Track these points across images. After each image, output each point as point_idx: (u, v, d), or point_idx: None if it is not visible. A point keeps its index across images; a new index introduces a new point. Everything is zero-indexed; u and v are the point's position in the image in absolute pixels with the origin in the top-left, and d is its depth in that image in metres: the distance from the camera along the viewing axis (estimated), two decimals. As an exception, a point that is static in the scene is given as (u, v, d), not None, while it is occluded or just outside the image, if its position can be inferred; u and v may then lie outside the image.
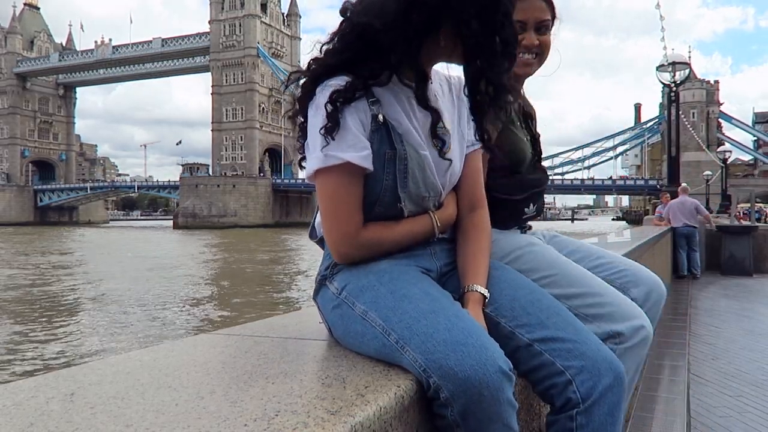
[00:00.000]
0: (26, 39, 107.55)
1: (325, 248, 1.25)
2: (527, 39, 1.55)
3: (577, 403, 1.04)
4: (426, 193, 1.19)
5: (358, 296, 1.11)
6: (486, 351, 0.93)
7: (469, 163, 1.28)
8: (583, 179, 77.36)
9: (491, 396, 0.90)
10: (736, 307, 7.12)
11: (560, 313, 1.14)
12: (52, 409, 0.81)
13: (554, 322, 1.11)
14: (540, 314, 1.12)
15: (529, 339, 1.09)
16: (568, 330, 1.10)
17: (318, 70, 1.15)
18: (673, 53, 14.02)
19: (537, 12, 1.55)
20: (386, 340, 1.01)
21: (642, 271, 1.60)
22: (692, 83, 74.46)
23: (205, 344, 1.25)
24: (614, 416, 1.07)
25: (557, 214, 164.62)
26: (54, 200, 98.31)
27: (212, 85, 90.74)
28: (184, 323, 12.56)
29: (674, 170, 13.68)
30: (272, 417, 0.76)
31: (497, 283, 1.19)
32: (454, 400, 0.91)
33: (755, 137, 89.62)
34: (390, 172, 1.14)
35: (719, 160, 38.59)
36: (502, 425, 0.94)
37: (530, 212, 1.65)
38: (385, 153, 1.13)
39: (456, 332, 0.95)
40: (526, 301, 1.15)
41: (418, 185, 1.17)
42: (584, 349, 1.07)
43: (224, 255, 30.81)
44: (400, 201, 1.16)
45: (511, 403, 0.94)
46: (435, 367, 0.92)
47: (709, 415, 3.16)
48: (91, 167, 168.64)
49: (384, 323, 1.03)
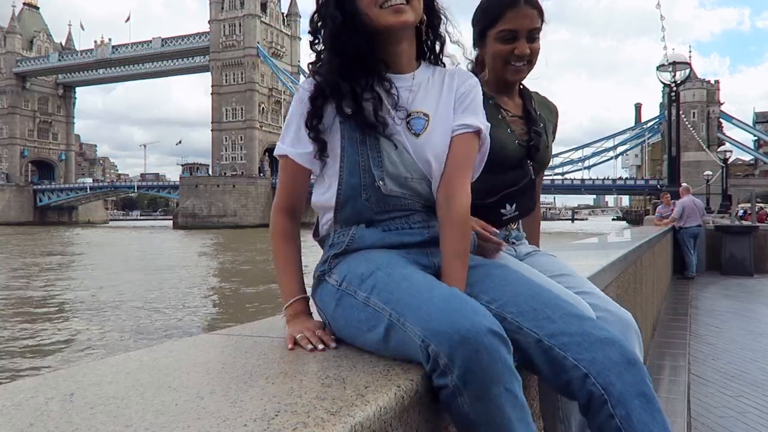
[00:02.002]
0: (26, 39, 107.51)
1: (325, 245, 1.31)
2: (519, 48, 1.58)
3: (601, 395, 1.03)
4: (408, 174, 1.25)
5: (359, 284, 1.14)
6: (478, 314, 0.96)
7: (452, 147, 1.28)
8: (583, 179, 77.45)
9: (489, 356, 0.92)
10: (736, 307, 7.12)
11: (562, 306, 1.14)
12: (52, 410, 0.81)
13: (559, 316, 1.11)
14: (545, 309, 1.12)
15: (538, 335, 1.09)
16: (573, 322, 1.10)
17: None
18: (674, 53, 14.03)
19: (528, 21, 1.57)
20: (389, 321, 1.04)
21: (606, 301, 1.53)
22: (692, 83, 74.49)
23: (205, 344, 1.25)
24: (647, 395, 1.04)
25: (557, 214, 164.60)
26: (53, 200, 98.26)
27: (212, 85, 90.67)
28: (184, 323, 12.56)
29: (675, 170, 13.69)
30: (272, 417, 0.75)
31: (498, 282, 1.20)
32: (452, 363, 0.92)
33: (756, 137, 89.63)
34: (363, 153, 1.24)
35: (720, 159, 38.62)
36: (504, 390, 0.94)
37: (509, 212, 1.63)
38: (357, 137, 1.24)
39: (450, 301, 1.00)
40: (529, 296, 1.15)
41: (396, 166, 1.24)
42: (591, 339, 1.07)
43: (224, 255, 30.79)
44: (375, 180, 1.23)
45: (511, 369, 0.95)
46: (431, 334, 0.95)
47: (709, 415, 3.17)
48: (91, 167, 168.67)
49: (385, 305, 1.07)
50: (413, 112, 1.28)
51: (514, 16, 1.56)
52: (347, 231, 1.26)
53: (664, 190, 13.43)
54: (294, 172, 1.31)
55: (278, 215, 1.34)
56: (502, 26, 1.58)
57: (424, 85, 1.32)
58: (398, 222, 1.26)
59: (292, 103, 1.32)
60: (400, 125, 1.26)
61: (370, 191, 1.24)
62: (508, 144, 1.60)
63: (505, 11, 1.57)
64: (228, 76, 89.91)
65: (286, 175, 1.33)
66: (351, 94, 1.24)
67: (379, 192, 1.24)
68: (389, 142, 1.24)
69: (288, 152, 1.29)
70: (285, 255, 1.32)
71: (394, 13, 1.23)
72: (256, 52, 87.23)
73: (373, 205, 1.25)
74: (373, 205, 1.25)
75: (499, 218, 1.60)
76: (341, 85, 1.25)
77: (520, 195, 1.63)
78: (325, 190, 1.30)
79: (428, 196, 1.28)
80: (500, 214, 1.61)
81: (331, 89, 1.25)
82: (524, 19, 1.56)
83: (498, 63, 1.63)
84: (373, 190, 1.24)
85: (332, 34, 1.26)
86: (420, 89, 1.31)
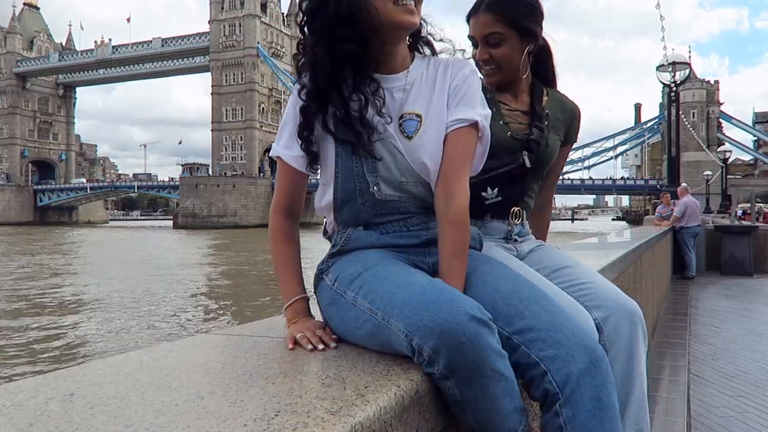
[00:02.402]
0: (26, 39, 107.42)
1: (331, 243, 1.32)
2: (478, 54, 1.66)
3: (555, 394, 1.01)
4: (403, 178, 1.24)
5: (348, 285, 1.16)
6: (456, 303, 0.97)
7: (447, 144, 1.24)
8: (583, 179, 77.38)
9: (470, 342, 0.93)
10: (736, 307, 7.12)
11: (539, 302, 1.12)
12: (52, 410, 0.80)
13: (531, 312, 1.09)
14: (519, 305, 1.10)
15: (508, 332, 1.07)
16: (543, 318, 1.07)
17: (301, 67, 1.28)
18: (674, 53, 14.03)
19: (481, 27, 1.64)
20: (375, 320, 1.06)
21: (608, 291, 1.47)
22: (692, 83, 74.45)
23: (205, 344, 1.25)
24: (602, 401, 1.01)
25: (557, 214, 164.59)
26: (54, 200, 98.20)
27: (212, 85, 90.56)
28: (184, 323, 12.56)
29: (674, 170, 13.68)
30: (272, 417, 0.75)
31: (482, 277, 1.19)
32: (437, 354, 0.94)
33: (755, 137, 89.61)
34: (357, 159, 1.23)
35: (719, 160, 38.58)
36: (490, 370, 0.95)
37: (490, 196, 1.63)
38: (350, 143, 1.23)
39: (428, 294, 1.00)
40: (508, 292, 1.14)
41: (390, 170, 1.23)
42: (558, 336, 1.04)
43: (224, 255, 30.79)
44: (370, 186, 1.23)
45: (495, 350, 0.96)
46: (414, 329, 0.97)
47: (709, 415, 3.17)
48: (91, 167, 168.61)
49: (370, 305, 1.08)
50: (405, 114, 1.26)
51: (473, 23, 1.66)
52: (344, 232, 1.27)
53: (663, 190, 13.41)
54: (290, 173, 1.31)
55: (276, 216, 1.33)
56: (469, 33, 1.69)
57: (417, 82, 1.29)
58: (396, 225, 1.26)
59: (287, 104, 1.32)
60: (392, 128, 1.24)
61: (365, 196, 1.24)
62: (499, 135, 1.59)
63: (470, 18, 1.68)
64: (228, 76, 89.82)
65: (282, 176, 1.33)
66: (341, 103, 1.21)
67: (374, 197, 1.24)
68: (382, 147, 1.23)
69: (282, 155, 1.29)
70: (284, 256, 1.32)
71: (408, 13, 1.20)
72: (256, 52, 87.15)
73: (370, 209, 1.25)
74: (369, 209, 1.25)
75: (480, 201, 1.60)
76: (331, 94, 1.22)
77: (505, 180, 1.63)
78: (322, 195, 1.31)
79: (425, 197, 1.26)
80: (480, 196, 1.60)
81: (321, 99, 1.23)
82: (478, 26, 1.65)
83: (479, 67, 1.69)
84: (369, 195, 1.24)
85: (327, 26, 1.19)
86: (413, 88, 1.28)
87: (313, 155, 1.27)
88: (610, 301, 1.43)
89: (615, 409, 1.03)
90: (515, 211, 1.69)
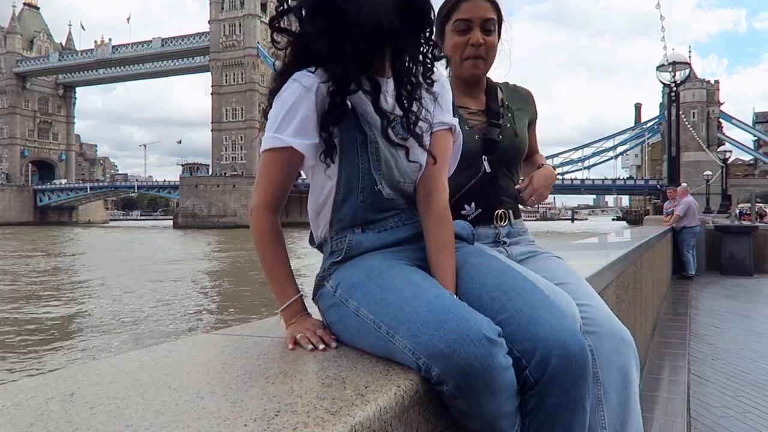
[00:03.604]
0: (26, 39, 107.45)
1: (325, 250, 1.30)
2: (473, 37, 1.61)
3: (531, 386, 1.03)
4: (401, 179, 1.26)
5: (351, 293, 1.15)
6: (467, 322, 0.96)
7: (431, 145, 1.29)
8: (583, 179, 77.40)
9: (481, 365, 0.93)
10: (736, 307, 7.12)
11: (522, 294, 1.12)
12: (52, 410, 0.80)
13: (513, 304, 1.09)
14: (502, 297, 1.11)
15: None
16: (523, 311, 1.08)
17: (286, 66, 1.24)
18: (674, 53, 14.02)
19: (482, 11, 1.61)
20: (378, 333, 1.05)
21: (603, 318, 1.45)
22: (692, 83, 74.45)
23: (205, 344, 1.25)
24: (570, 397, 1.03)
25: (557, 214, 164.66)
26: (54, 200, 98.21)
27: (212, 85, 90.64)
28: (184, 323, 12.55)
29: (674, 170, 13.68)
30: (272, 417, 0.75)
31: (470, 271, 1.21)
32: (446, 376, 0.94)
33: (755, 137, 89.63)
34: (364, 155, 1.22)
35: (719, 160, 38.54)
36: (499, 386, 0.96)
37: (470, 212, 1.62)
38: (356, 138, 1.21)
39: (437, 312, 0.99)
40: (493, 285, 1.15)
41: (391, 170, 1.24)
42: (536, 330, 1.04)
43: (224, 255, 30.78)
44: (376, 183, 1.23)
45: (504, 366, 0.96)
46: (422, 349, 0.96)
47: (709, 415, 3.16)
48: (91, 167, 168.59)
49: (374, 317, 1.07)
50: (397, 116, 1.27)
51: (468, 7, 1.60)
52: (344, 238, 1.25)
53: (665, 188, 13.39)
54: (290, 164, 1.21)
55: (264, 213, 1.23)
56: (457, 17, 1.62)
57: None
58: (391, 221, 1.27)
59: (287, 91, 1.20)
60: (396, 129, 1.25)
61: (366, 193, 1.23)
62: (468, 141, 1.56)
63: (460, 2, 1.62)
64: (228, 76, 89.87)
65: (279, 168, 1.22)
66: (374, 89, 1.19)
67: (376, 195, 1.23)
68: (388, 146, 1.23)
69: (293, 143, 1.18)
70: (275, 255, 1.25)
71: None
72: (256, 52, 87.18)
73: (368, 207, 1.24)
74: (368, 206, 1.24)
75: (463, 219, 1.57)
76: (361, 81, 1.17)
77: (477, 193, 1.63)
78: (320, 191, 1.27)
79: (411, 194, 1.30)
80: (460, 214, 1.60)
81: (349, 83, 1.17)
82: (477, 9, 1.60)
83: (456, 57, 1.65)
84: (370, 193, 1.23)
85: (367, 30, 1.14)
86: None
87: (331, 146, 1.19)
88: (605, 328, 1.43)
89: (582, 402, 1.04)
90: (499, 213, 1.68)
